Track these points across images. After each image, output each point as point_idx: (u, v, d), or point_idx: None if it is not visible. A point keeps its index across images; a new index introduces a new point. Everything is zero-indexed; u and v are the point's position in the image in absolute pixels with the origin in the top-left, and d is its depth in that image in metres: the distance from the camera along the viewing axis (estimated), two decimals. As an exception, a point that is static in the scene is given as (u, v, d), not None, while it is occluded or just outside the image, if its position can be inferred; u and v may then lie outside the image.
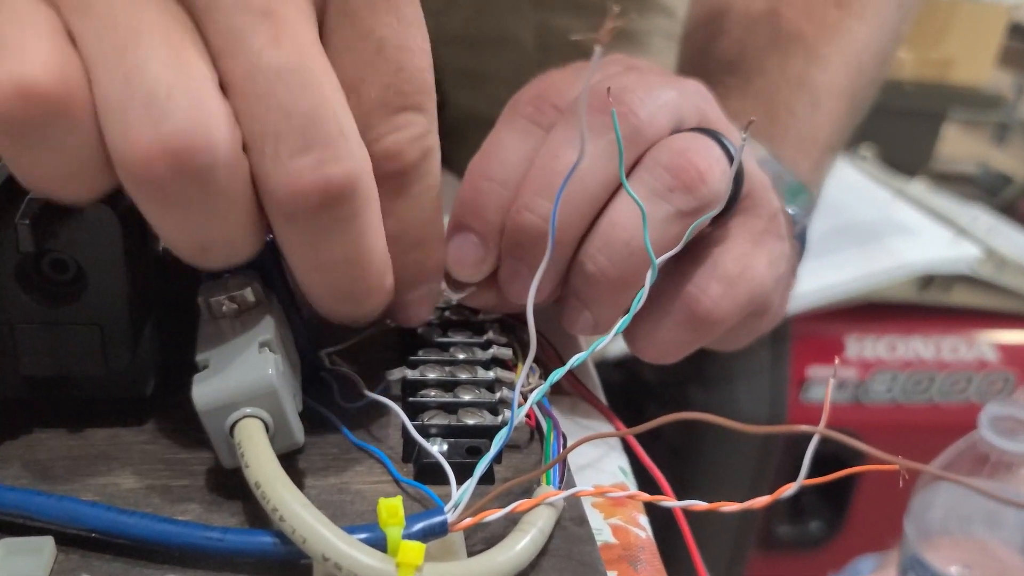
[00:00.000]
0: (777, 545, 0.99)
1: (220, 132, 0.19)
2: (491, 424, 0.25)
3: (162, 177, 0.19)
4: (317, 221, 0.20)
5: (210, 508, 0.23)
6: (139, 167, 0.19)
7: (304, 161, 0.20)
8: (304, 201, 0.20)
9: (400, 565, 0.19)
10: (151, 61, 0.19)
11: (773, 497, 0.21)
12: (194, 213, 0.20)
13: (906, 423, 0.97)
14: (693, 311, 0.29)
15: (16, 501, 0.21)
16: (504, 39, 0.59)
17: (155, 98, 0.18)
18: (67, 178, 0.20)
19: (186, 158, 0.19)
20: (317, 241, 0.21)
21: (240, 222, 0.20)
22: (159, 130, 0.18)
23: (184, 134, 0.18)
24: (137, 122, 0.18)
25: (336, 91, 0.20)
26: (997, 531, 0.39)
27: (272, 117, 0.19)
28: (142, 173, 0.19)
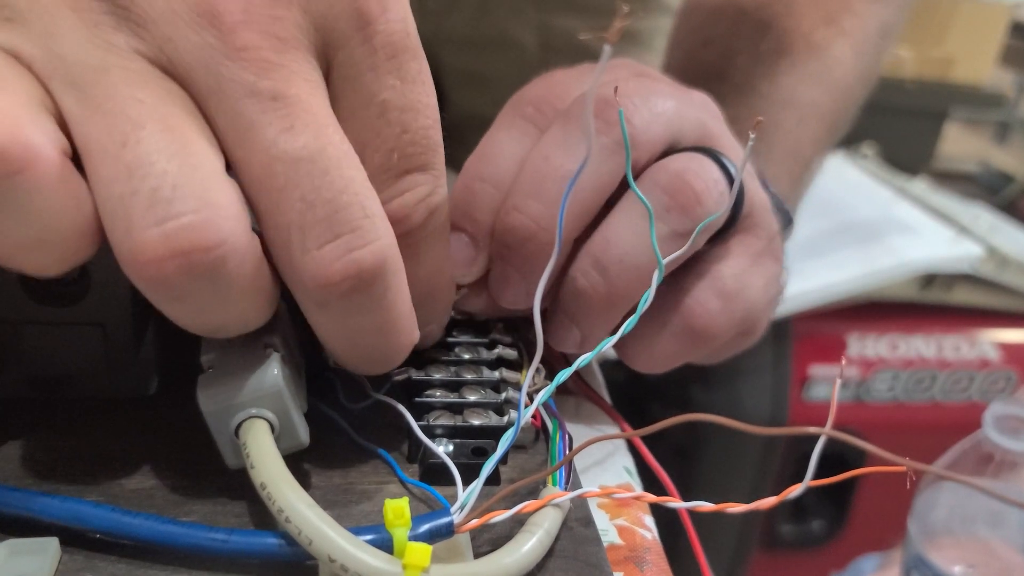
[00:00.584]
0: (780, 544, 0.99)
1: (229, 226, 0.18)
2: (497, 425, 0.25)
3: (170, 277, 0.18)
4: (348, 303, 0.20)
5: (215, 509, 0.23)
6: (145, 268, 0.18)
7: (331, 251, 0.19)
8: (335, 290, 0.20)
9: (407, 566, 0.19)
10: (154, 154, 0.18)
11: (779, 499, 0.21)
12: (205, 305, 0.19)
13: (908, 422, 0.97)
14: (690, 324, 0.29)
15: (20, 502, 0.21)
16: (505, 40, 0.59)
17: (159, 195, 0.18)
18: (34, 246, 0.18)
19: (195, 258, 0.18)
20: (348, 319, 0.21)
21: (255, 303, 0.20)
22: (165, 229, 0.18)
23: (192, 233, 0.18)
24: (141, 221, 0.18)
25: (356, 168, 0.20)
26: (1000, 531, 0.39)
27: (294, 209, 0.19)
28: (149, 274, 0.18)
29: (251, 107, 0.19)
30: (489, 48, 0.59)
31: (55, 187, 0.18)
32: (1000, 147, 2.06)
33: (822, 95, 0.42)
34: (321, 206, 0.19)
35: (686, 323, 0.29)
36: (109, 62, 0.18)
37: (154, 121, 0.18)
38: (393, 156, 0.21)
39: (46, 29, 0.18)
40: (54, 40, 0.18)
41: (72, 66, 0.18)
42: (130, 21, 0.18)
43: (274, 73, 0.19)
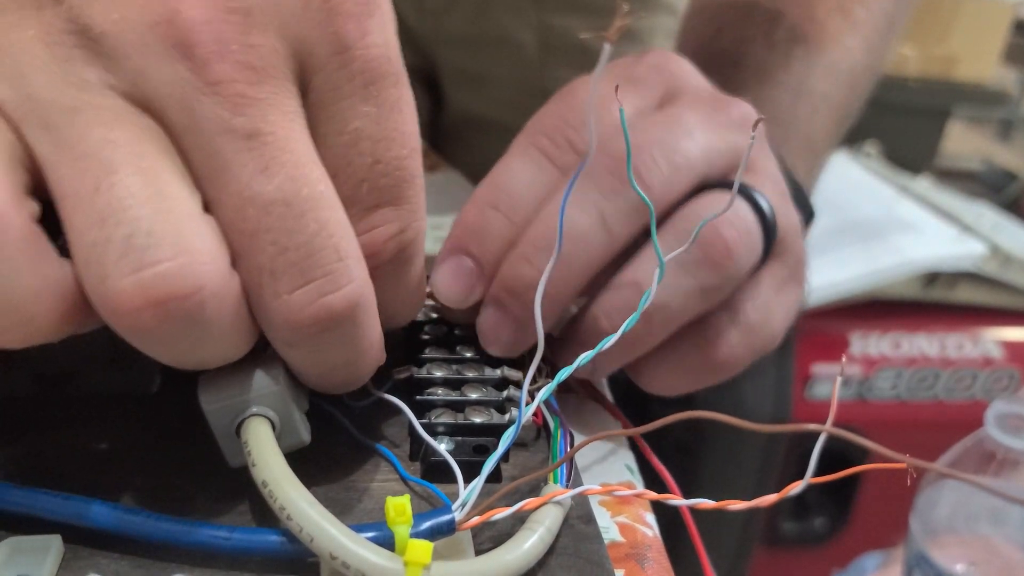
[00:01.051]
0: (782, 542, 0.99)
1: (206, 271, 0.18)
2: (498, 422, 0.25)
3: (148, 325, 0.18)
4: (318, 342, 0.20)
5: (217, 507, 0.23)
6: (122, 318, 0.18)
7: (302, 296, 0.19)
8: (305, 332, 0.19)
9: (408, 564, 0.19)
10: (127, 199, 0.17)
11: (780, 495, 0.21)
12: (186, 346, 0.19)
13: (911, 420, 0.97)
14: (709, 357, 0.29)
15: (23, 499, 0.21)
16: (504, 39, 0.58)
17: (133, 242, 0.17)
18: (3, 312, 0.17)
19: (172, 307, 0.17)
20: (317, 355, 0.21)
21: (235, 339, 0.20)
22: (141, 278, 0.17)
23: (168, 281, 0.17)
24: (116, 270, 0.17)
25: (332, 208, 0.19)
26: (1003, 529, 0.39)
27: (266, 253, 0.18)
28: (126, 324, 0.18)
29: (225, 146, 0.18)
30: (488, 48, 0.59)
31: (17, 253, 0.17)
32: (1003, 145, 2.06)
33: (833, 86, 0.42)
34: (293, 250, 0.19)
35: (704, 355, 0.29)
36: (81, 100, 0.18)
37: (127, 164, 0.17)
38: (362, 189, 0.20)
39: (17, 68, 0.18)
40: (25, 79, 0.18)
41: (44, 107, 0.17)
42: (102, 55, 0.18)
43: (249, 108, 0.18)
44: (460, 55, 0.59)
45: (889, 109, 1.46)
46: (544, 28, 0.57)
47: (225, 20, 0.18)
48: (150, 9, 0.18)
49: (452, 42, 0.58)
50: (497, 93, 0.60)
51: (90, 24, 0.18)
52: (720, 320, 0.29)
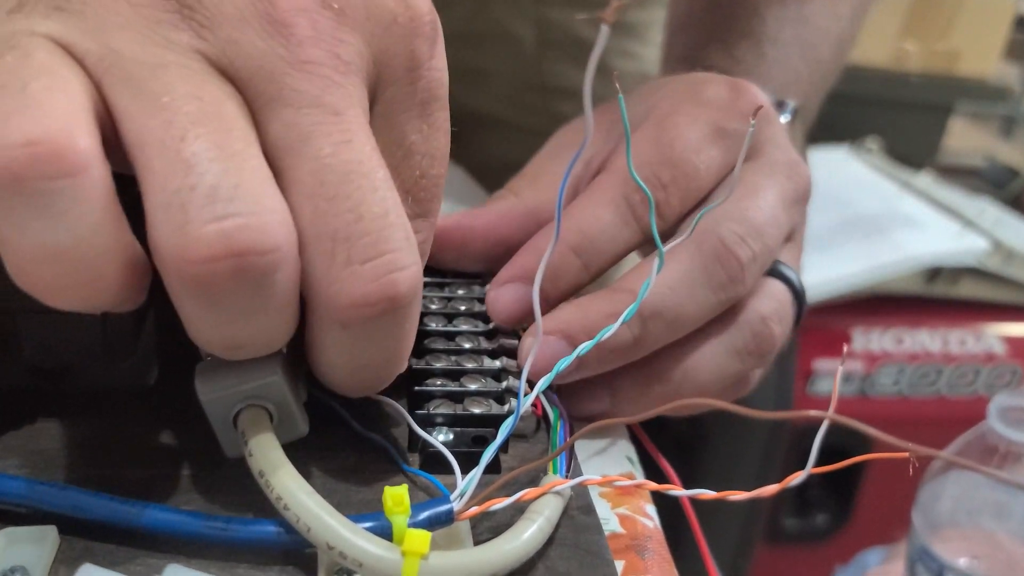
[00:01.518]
0: (784, 538, 0.99)
1: (284, 232, 0.18)
2: (497, 413, 0.25)
3: (219, 277, 0.17)
4: (371, 327, 0.20)
5: (214, 497, 0.22)
6: (195, 265, 0.17)
7: (374, 268, 0.19)
8: (369, 309, 0.19)
9: (406, 553, 0.19)
10: (215, 150, 0.17)
11: (781, 486, 0.21)
12: (240, 315, 0.19)
13: (913, 416, 0.97)
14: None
15: (19, 490, 0.21)
16: (503, 34, 0.58)
17: (220, 192, 0.17)
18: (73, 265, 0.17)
19: (249, 260, 0.17)
20: (361, 346, 0.20)
21: (282, 323, 0.20)
22: (223, 227, 0.17)
23: (251, 234, 0.17)
24: (198, 216, 0.17)
25: (397, 194, 0.20)
26: (1005, 522, 0.38)
27: (343, 219, 0.19)
28: (197, 272, 0.17)
29: (312, 117, 0.19)
30: (486, 43, 0.58)
31: (99, 200, 0.17)
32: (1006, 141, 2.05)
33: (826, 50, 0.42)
34: (369, 220, 0.19)
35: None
36: (167, 59, 0.18)
37: (213, 119, 0.18)
38: (408, 198, 0.21)
39: (101, 22, 0.18)
40: (109, 35, 0.18)
41: (128, 62, 0.18)
42: (194, 21, 0.18)
43: (336, 91, 0.19)
44: (458, 51, 0.58)
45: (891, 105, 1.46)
46: (542, 22, 0.57)
47: (320, 13, 0.19)
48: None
49: (450, 38, 0.58)
50: (495, 88, 0.60)
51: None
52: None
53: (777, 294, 0.30)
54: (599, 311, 0.26)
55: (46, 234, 0.17)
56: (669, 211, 0.29)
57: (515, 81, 0.60)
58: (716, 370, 0.29)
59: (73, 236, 0.17)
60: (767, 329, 0.29)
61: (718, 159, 0.29)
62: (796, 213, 0.31)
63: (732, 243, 0.27)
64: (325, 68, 0.19)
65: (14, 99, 0.16)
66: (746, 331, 0.29)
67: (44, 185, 0.16)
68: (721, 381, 0.29)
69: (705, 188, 0.29)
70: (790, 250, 0.32)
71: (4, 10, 0.18)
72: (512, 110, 0.60)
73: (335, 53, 0.19)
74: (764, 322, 0.29)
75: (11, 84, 0.17)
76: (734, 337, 0.29)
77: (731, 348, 0.29)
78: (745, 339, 0.29)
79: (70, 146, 0.16)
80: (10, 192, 0.16)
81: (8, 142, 0.16)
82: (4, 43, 0.18)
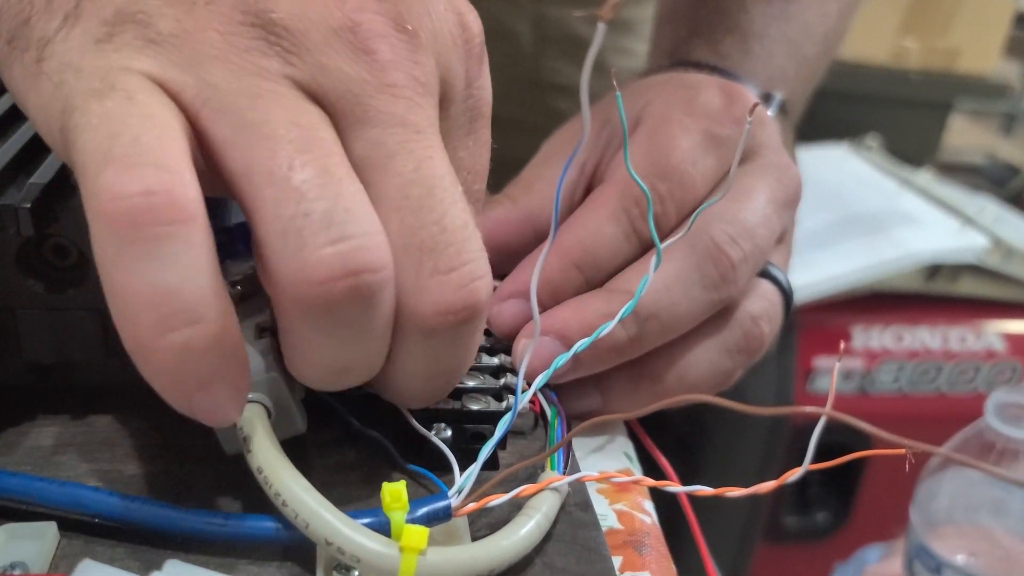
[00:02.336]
0: (784, 536, 0.99)
1: (389, 252, 0.19)
2: (495, 410, 0.25)
3: (338, 297, 0.18)
4: (452, 335, 0.20)
5: (213, 494, 0.23)
6: (315, 287, 0.18)
7: (458, 277, 0.19)
8: (453, 316, 0.20)
9: (403, 549, 0.19)
10: (323, 175, 0.18)
11: (779, 482, 0.21)
12: (351, 336, 0.19)
13: (913, 413, 0.97)
14: None
15: (19, 487, 0.21)
16: (500, 31, 0.58)
17: (333, 216, 0.18)
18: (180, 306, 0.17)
19: (366, 279, 0.18)
20: (438, 354, 0.21)
21: (383, 342, 0.20)
22: (340, 249, 0.18)
23: (366, 254, 0.18)
24: (314, 240, 0.18)
25: (471, 210, 0.21)
26: (1002, 519, 0.38)
27: (428, 230, 0.19)
28: (318, 293, 0.18)
29: (397, 136, 0.19)
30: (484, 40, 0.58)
31: (205, 243, 0.18)
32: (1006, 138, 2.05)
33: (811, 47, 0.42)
34: (452, 232, 0.19)
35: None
36: (262, 87, 0.18)
37: (314, 146, 0.18)
38: None
39: (194, 54, 0.18)
40: (203, 67, 0.18)
41: (225, 94, 0.18)
42: (280, 47, 0.19)
43: (418, 111, 0.20)
44: None
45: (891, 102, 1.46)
46: (540, 19, 0.57)
47: (397, 37, 0.20)
48: (332, 15, 0.19)
49: None
50: (493, 86, 0.60)
51: (274, 20, 0.19)
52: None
53: (767, 295, 0.30)
54: (595, 311, 0.27)
55: (157, 276, 0.17)
56: (666, 221, 0.29)
57: (512, 78, 0.60)
58: (708, 368, 0.29)
59: (182, 278, 0.17)
60: (757, 328, 0.30)
61: (712, 167, 0.30)
62: (786, 215, 0.31)
63: (724, 243, 0.28)
64: (407, 90, 0.20)
65: (129, 148, 0.17)
66: (737, 331, 0.29)
67: (161, 231, 0.17)
68: (712, 379, 0.29)
69: (701, 197, 0.29)
70: (780, 252, 0.32)
71: (92, 39, 0.18)
72: (509, 107, 0.60)
73: (414, 76, 0.20)
74: (755, 322, 0.30)
75: (123, 133, 0.17)
76: (726, 336, 0.29)
77: (723, 347, 0.29)
78: (736, 338, 0.29)
79: (184, 195, 0.17)
80: (129, 239, 0.17)
81: (128, 191, 0.17)
82: (101, 80, 0.18)
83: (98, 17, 0.18)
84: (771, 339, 0.31)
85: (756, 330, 0.30)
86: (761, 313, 0.30)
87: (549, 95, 0.59)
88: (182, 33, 0.18)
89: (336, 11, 0.19)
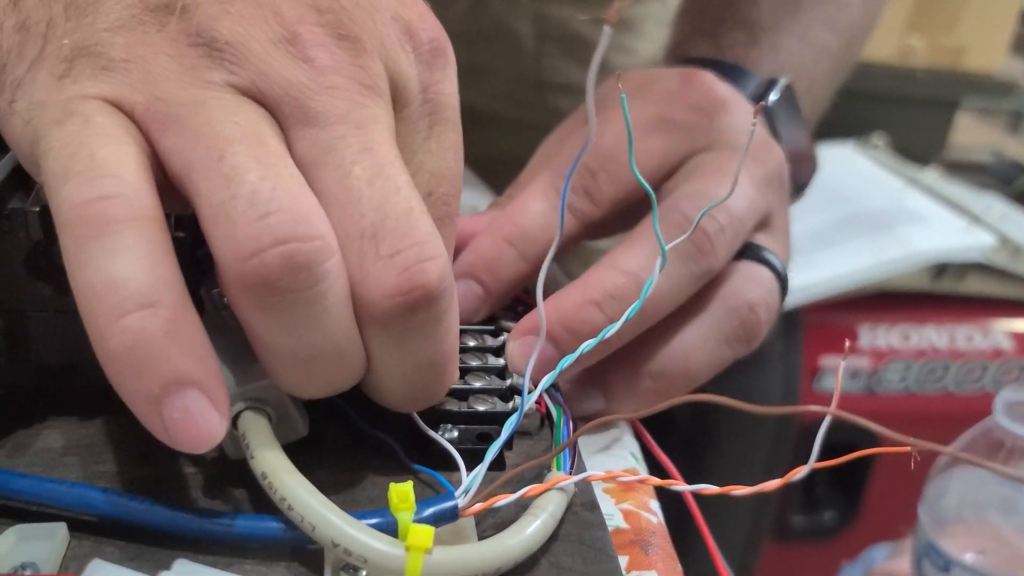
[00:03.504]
0: (791, 535, 0.99)
1: (324, 225, 0.19)
2: (502, 411, 0.25)
3: (271, 271, 0.18)
4: (410, 323, 0.20)
5: (221, 495, 0.23)
6: (246, 262, 0.18)
7: (403, 259, 0.20)
8: (402, 299, 0.20)
9: (410, 548, 0.19)
10: (251, 162, 0.19)
11: (784, 480, 0.21)
12: (303, 318, 0.19)
13: (920, 413, 0.96)
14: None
15: (30, 488, 0.21)
16: (502, 32, 0.59)
17: (259, 196, 0.18)
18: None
19: (295, 247, 0.18)
20: (406, 345, 0.21)
21: (344, 329, 0.20)
22: (268, 222, 0.18)
23: (293, 225, 0.18)
24: (243, 219, 0.18)
25: (421, 198, 0.21)
26: (1011, 517, 0.38)
27: (368, 217, 0.20)
28: (251, 270, 0.18)
29: (337, 132, 0.20)
30: (485, 40, 0.59)
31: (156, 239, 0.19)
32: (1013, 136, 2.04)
33: (833, 39, 0.42)
34: (393, 218, 0.20)
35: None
36: (205, 95, 0.20)
37: (248, 136, 0.19)
38: None
39: (145, 75, 0.20)
40: (153, 85, 0.20)
41: (171, 104, 0.20)
42: (225, 60, 0.20)
43: (359, 110, 0.20)
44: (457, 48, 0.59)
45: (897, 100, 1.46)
46: (541, 19, 0.57)
47: (338, 45, 0.21)
48: (272, 29, 0.20)
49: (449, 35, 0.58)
50: (494, 85, 0.60)
51: (217, 37, 0.20)
52: None
53: (764, 281, 0.30)
54: (572, 302, 0.27)
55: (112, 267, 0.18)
56: (600, 195, 0.30)
57: (514, 77, 0.60)
58: (706, 360, 0.29)
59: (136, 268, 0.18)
60: (754, 316, 0.30)
61: (658, 148, 0.30)
62: (770, 193, 0.31)
63: (695, 216, 0.27)
64: (348, 92, 0.20)
65: (86, 164, 0.19)
66: (734, 319, 0.29)
67: (114, 227, 0.18)
68: (711, 370, 0.29)
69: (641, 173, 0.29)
70: (773, 236, 0.32)
71: (54, 77, 0.20)
72: (511, 106, 0.61)
73: (356, 79, 0.21)
74: (752, 309, 0.29)
75: (81, 152, 0.19)
76: (722, 325, 0.29)
77: (719, 336, 0.29)
78: (733, 326, 0.29)
79: (136, 196, 0.19)
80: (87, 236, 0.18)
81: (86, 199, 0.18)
82: (61, 110, 0.19)
83: (58, 56, 0.20)
84: (768, 326, 0.30)
85: (753, 317, 0.30)
86: (757, 300, 0.30)
87: (550, 94, 0.59)
88: (134, 58, 0.20)
89: (276, 26, 0.20)
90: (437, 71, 0.23)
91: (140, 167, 0.19)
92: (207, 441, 0.19)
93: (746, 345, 0.30)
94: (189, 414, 0.18)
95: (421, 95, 0.23)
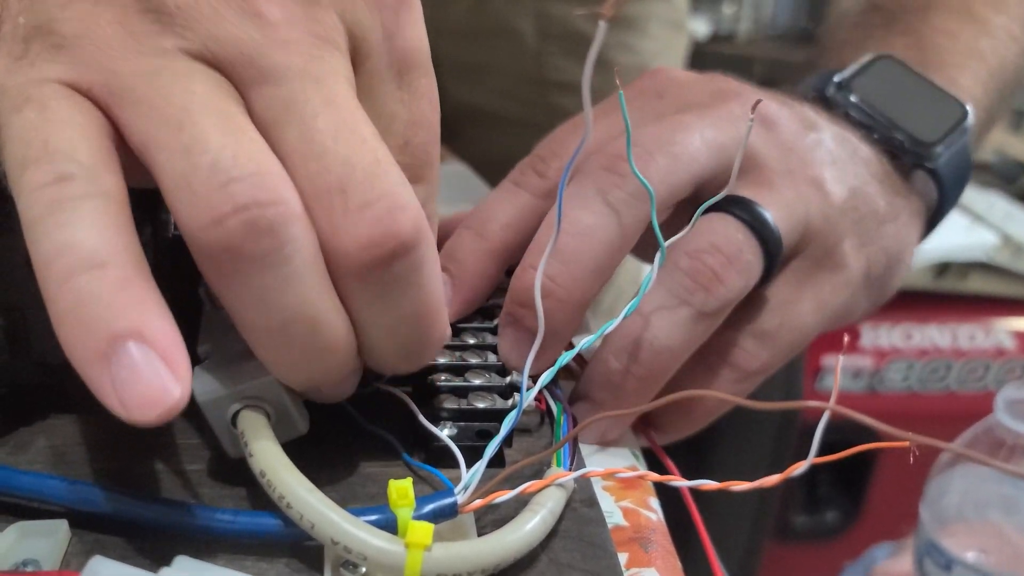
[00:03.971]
0: (793, 535, 0.99)
1: (287, 188, 0.19)
2: (501, 408, 0.25)
3: (236, 236, 0.18)
4: (388, 274, 0.20)
5: (221, 491, 0.23)
6: (209, 230, 0.18)
7: (374, 211, 0.19)
8: (376, 250, 0.19)
9: (409, 545, 0.19)
10: (210, 130, 0.19)
11: (783, 476, 0.21)
12: (273, 281, 0.19)
13: (922, 412, 0.96)
14: (734, 366, 0.30)
15: (31, 485, 0.21)
16: (503, 30, 0.59)
17: (220, 164, 0.18)
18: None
19: (256, 212, 0.18)
20: (388, 297, 0.21)
21: (317, 288, 0.20)
22: (228, 189, 0.18)
23: (253, 189, 0.18)
24: (203, 187, 0.18)
25: (385, 148, 0.20)
26: (1013, 516, 0.38)
27: (335, 172, 0.19)
28: (214, 238, 0.18)
29: (295, 87, 0.20)
30: (487, 38, 0.59)
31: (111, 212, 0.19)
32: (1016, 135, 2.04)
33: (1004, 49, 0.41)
34: (360, 170, 0.19)
35: (730, 365, 0.30)
36: (159, 65, 0.19)
37: (205, 105, 0.19)
38: None
39: (97, 50, 0.19)
40: (106, 59, 0.19)
41: (124, 77, 0.19)
42: (175, 25, 0.19)
43: (316, 63, 0.20)
44: (459, 46, 0.59)
45: (899, 100, 1.45)
46: (542, 16, 0.58)
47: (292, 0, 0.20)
48: None
49: (451, 34, 0.59)
50: (496, 84, 0.60)
51: (166, 2, 0.19)
52: (734, 328, 0.29)
53: (717, 229, 0.27)
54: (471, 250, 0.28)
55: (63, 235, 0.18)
56: (544, 167, 0.30)
57: (515, 75, 0.60)
58: (666, 325, 0.27)
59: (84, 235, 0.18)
60: (698, 262, 0.27)
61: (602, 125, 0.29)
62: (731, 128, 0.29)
63: (619, 150, 0.27)
64: (303, 45, 0.20)
65: (41, 152, 0.19)
66: (676, 273, 0.27)
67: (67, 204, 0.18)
68: (679, 333, 0.27)
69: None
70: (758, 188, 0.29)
71: (12, 58, 0.20)
72: (512, 104, 0.61)
73: (310, 31, 0.20)
74: (696, 256, 0.27)
75: (35, 140, 0.19)
76: (668, 283, 0.27)
77: (669, 296, 0.27)
78: (679, 280, 0.27)
79: (91, 175, 0.19)
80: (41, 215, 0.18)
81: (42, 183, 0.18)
82: (19, 95, 0.19)
83: (14, 36, 0.20)
84: (733, 272, 0.27)
85: (697, 264, 0.27)
86: (705, 247, 0.27)
87: (552, 92, 0.59)
88: (84, 32, 0.19)
89: None
90: (401, 16, 0.22)
91: (99, 148, 0.19)
92: (159, 404, 0.17)
93: (704, 292, 0.27)
94: (136, 371, 0.17)
95: (386, 43, 0.22)
